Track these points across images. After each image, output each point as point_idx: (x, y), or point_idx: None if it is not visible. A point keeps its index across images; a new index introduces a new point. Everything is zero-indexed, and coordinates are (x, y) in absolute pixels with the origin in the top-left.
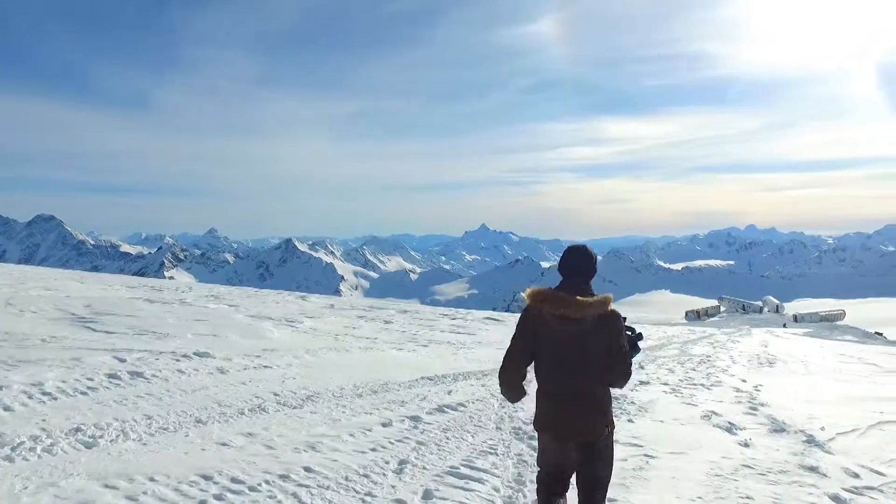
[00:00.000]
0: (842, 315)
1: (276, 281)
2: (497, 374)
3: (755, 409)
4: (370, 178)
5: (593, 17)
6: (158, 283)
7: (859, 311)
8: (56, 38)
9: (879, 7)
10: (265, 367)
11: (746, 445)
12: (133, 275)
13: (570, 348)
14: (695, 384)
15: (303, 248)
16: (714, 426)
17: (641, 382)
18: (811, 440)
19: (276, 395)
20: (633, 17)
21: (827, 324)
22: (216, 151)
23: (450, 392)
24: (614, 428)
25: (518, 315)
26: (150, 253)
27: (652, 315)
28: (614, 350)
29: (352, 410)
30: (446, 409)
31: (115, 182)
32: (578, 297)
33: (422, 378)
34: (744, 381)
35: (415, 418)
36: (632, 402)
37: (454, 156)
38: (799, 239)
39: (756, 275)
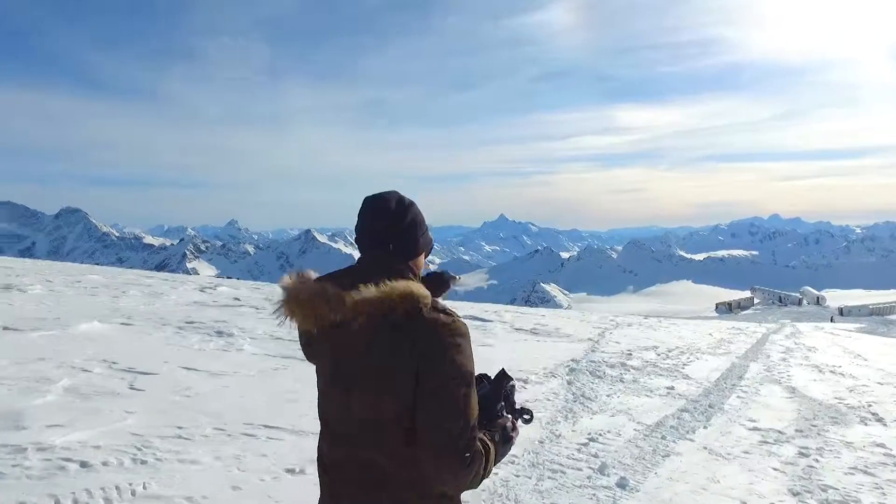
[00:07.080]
0: (894, 308)
1: None
2: None
3: None
4: (383, 169)
5: (604, 5)
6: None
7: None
8: (57, 31)
9: None
10: None
11: None
12: (155, 266)
13: (335, 382)
14: None
15: (322, 238)
16: None
17: None
18: None
19: None
20: (644, 3)
21: (878, 318)
22: (233, 143)
23: None
24: None
25: (543, 309)
26: (172, 245)
27: (677, 306)
28: (431, 403)
29: None
30: None
31: (136, 174)
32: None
33: None
34: None
35: None
36: None
37: (462, 146)
38: (825, 229)
39: (781, 265)
